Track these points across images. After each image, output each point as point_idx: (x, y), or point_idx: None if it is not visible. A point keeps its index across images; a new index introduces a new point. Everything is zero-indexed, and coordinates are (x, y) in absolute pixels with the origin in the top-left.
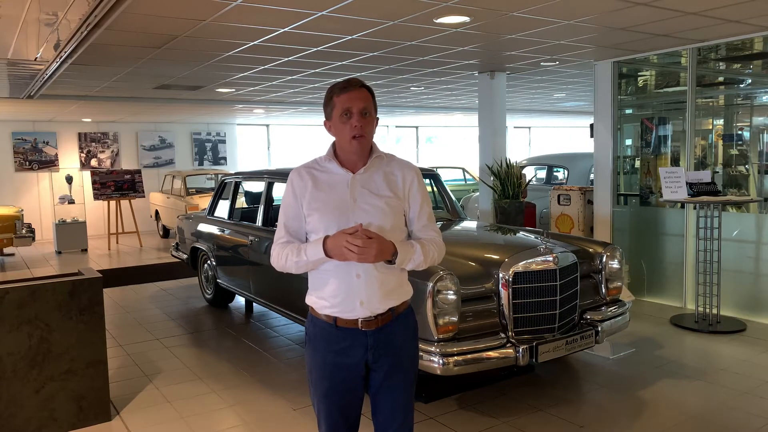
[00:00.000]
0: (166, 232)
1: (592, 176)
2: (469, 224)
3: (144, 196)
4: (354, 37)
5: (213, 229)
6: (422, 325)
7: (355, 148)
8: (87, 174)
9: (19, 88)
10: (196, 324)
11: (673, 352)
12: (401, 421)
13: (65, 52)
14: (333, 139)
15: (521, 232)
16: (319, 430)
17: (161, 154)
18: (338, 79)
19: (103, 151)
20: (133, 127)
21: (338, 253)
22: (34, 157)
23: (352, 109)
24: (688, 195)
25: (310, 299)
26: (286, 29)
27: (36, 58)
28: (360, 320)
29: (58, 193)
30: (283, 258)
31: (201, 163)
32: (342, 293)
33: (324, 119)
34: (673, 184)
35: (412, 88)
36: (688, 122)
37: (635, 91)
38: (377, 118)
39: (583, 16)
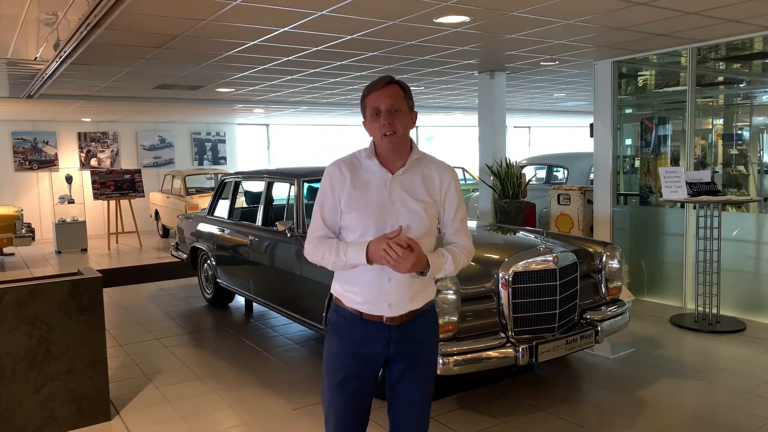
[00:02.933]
0: (165, 232)
1: (591, 176)
2: (469, 224)
3: (144, 196)
4: (354, 36)
5: (213, 229)
6: None
7: (386, 145)
8: (87, 174)
9: (18, 88)
10: (196, 324)
11: (672, 351)
12: (417, 417)
13: (65, 52)
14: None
15: (521, 232)
16: (326, 426)
17: (161, 154)
18: (339, 79)
19: (102, 151)
20: (133, 127)
21: (377, 257)
22: (33, 156)
23: (380, 107)
24: (688, 195)
25: (336, 289)
26: (286, 29)
27: (36, 57)
28: (385, 316)
29: (57, 193)
30: (319, 254)
31: (201, 163)
32: (372, 294)
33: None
34: (673, 183)
35: (411, 88)
36: (687, 122)
37: (635, 90)
38: (415, 113)
39: (582, 16)
